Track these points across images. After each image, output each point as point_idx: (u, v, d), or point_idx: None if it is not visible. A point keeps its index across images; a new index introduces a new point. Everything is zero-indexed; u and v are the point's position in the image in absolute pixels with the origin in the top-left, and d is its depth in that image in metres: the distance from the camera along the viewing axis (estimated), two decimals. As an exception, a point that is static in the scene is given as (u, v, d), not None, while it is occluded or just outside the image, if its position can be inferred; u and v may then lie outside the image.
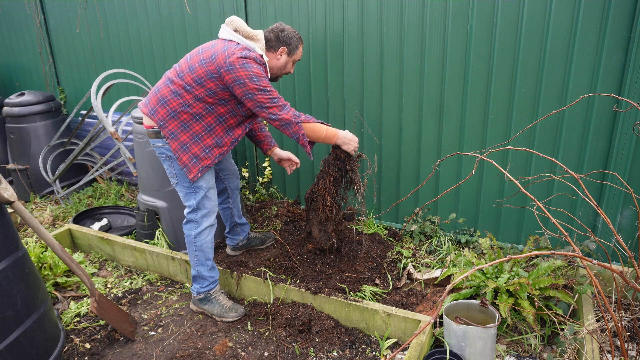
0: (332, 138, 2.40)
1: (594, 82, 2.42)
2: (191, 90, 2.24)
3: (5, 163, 4.55)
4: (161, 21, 3.76)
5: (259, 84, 2.18)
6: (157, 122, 2.30)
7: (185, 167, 2.34)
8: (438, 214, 3.07)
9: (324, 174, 2.55)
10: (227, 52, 2.17)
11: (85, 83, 4.56)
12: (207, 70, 2.20)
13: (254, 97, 2.21)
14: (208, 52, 2.23)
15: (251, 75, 2.17)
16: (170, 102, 2.27)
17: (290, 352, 2.23)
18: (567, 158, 2.59)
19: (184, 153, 2.32)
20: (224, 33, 2.29)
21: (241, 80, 2.17)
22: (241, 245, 2.99)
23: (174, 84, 2.27)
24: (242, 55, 2.16)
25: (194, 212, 2.43)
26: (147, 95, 2.40)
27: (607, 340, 2.11)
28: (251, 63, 2.17)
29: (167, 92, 2.28)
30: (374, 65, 2.95)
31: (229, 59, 2.15)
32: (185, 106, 2.26)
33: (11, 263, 1.90)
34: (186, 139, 2.31)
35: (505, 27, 2.52)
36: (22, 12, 4.62)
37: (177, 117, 2.28)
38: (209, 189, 2.43)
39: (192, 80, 2.23)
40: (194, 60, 2.25)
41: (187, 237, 2.46)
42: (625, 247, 1.49)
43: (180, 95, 2.26)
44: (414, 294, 2.57)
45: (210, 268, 2.50)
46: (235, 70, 2.15)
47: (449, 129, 2.85)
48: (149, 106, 2.34)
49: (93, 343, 2.36)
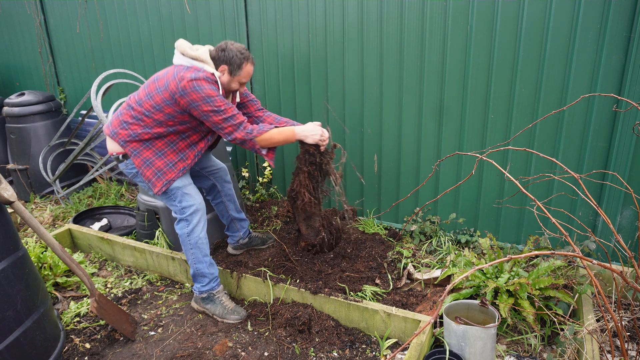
0: (290, 138, 2.43)
1: (594, 82, 2.42)
2: (150, 115, 2.30)
3: (5, 163, 4.55)
4: (161, 21, 3.76)
5: (212, 104, 2.22)
6: (119, 142, 2.37)
7: (149, 182, 2.40)
8: (438, 214, 3.07)
9: (298, 170, 2.54)
10: (177, 78, 2.22)
11: (85, 83, 4.56)
12: (163, 97, 2.26)
13: (209, 118, 2.27)
14: (162, 80, 2.29)
15: (204, 97, 2.21)
16: (132, 125, 2.34)
17: (290, 352, 2.23)
18: (567, 158, 2.59)
19: (147, 168, 2.38)
20: (175, 58, 2.35)
21: (195, 103, 2.22)
22: (242, 244, 2.99)
23: (134, 110, 2.34)
24: (192, 77, 2.20)
25: (181, 212, 2.45)
26: (110, 118, 2.47)
27: (607, 340, 2.11)
28: (202, 84, 2.20)
29: (128, 117, 2.35)
30: (374, 65, 2.95)
31: (180, 84, 2.20)
32: (147, 128, 2.33)
33: (11, 263, 1.90)
34: (149, 154, 2.37)
35: (505, 27, 2.52)
36: (22, 12, 4.62)
37: (138, 137, 2.35)
38: (186, 185, 2.45)
39: (151, 107, 2.29)
40: (150, 88, 2.32)
41: (180, 237, 2.48)
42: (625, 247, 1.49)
43: (141, 120, 2.32)
44: (414, 294, 2.57)
45: (208, 264, 2.50)
46: (188, 94, 2.20)
47: (449, 129, 2.85)
48: (110, 128, 2.41)
49: (93, 343, 2.36)
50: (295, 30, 3.16)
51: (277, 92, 3.41)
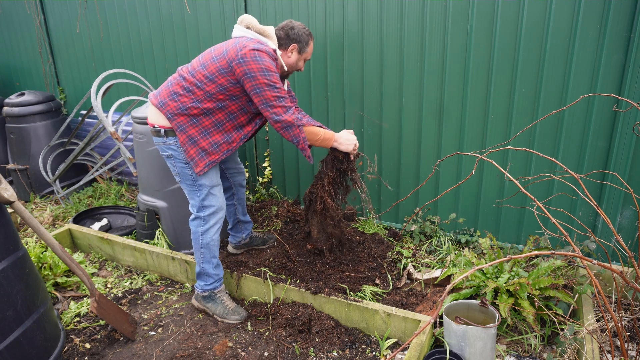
0: (329, 141, 2.39)
1: (594, 82, 2.42)
2: (202, 87, 2.22)
3: (5, 163, 4.55)
4: (161, 21, 3.76)
5: (269, 78, 2.15)
6: (166, 114, 2.27)
7: (192, 161, 2.31)
8: (438, 214, 3.07)
9: (323, 175, 2.54)
10: (238, 46, 2.16)
11: (85, 83, 4.56)
12: (219, 65, 2.19)
13: (262, 93, 2.18)
14: (219, 49, 2.23)
15: (262, 69, 2.14)
16: (182, 97, 2.26)
17: (290, 352, 2.23)
18: (567, 158, 2.59)
19: (192, 146, 2.30)
20: (236, 31, 2.30)
21: (252, 73, 2.14)
22: (243, 244, 2.99)
23: (186, 81, 2.26)
24: (255, 47, 2.14)
25: (201, 210, 2.41)
26: (158, 88, 2.38)
27: (607, 340, 2.11)
28: (264, 56, 2.15)
29: (178, 87, 2.27)
30: (374, 65, 2.95)
31: (241, 52, 2.14)
32: (196, 102, 2.24)
33: (11, 263, 1.90)
34: (195, 133, 2.29)
35: (505, 27, 2.52)
36: (22, 12, 4.62)
37: (187, 111, 2.26)
38: (213, 186, 2.40)
39: (204, 77, 2.22)
40: (205, 58, 2.26)
41: (193, 234, 2.45)
42: (625, 247, 1.49)
43: (192, 92, 2.24)
44: (414, 294, 2.57)
45: (215, 266, 2.49)
46: (247, 63, 2.13)
47: (449, 129, 2.85)
48: (159, 98, 2.32)
49: (93, 343, 2.36)
50: (295, 30, 3.16)
51: (277, 92, 3.40)
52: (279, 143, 3.56)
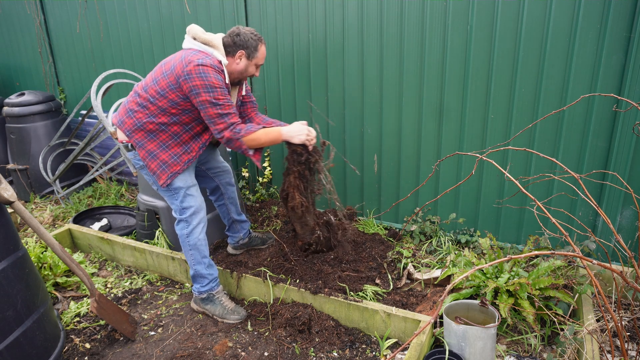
0: (276, 138, 2.41)
1: (594, 82, 2.42)
2: (155, 102, 2.28)
3: (5, 163, 4.55)
4: (161, 21, 3.76)
5: (212, 95, 2.19)
6: (125, 132, 2.36)
7: (154, 174, 2.39)
8: (438, 214, 3.07)
9: (288, 170, 2.53)
10: (184, 61, 2.20)
11: (85, 83, 4.56)
12: (168, 81, 2.24)
13: (205, 109, 2.24)
14: (168, 64, 2.27)
15: (206, 85, 2.18)
16: (137, 113, 2.32)
17: (290, 352, 2.23)
18: (567, 158, 2.59)
19: (152, 161, 2.37)
20: (185, 42, 2.33)
21: (196, 90, 2.19)
22: (242, 244, 2.99)
23: (140, 97, 2.32)
24: (199, 62, 2.17)
25: (181, 212, 2.45)
26: (119, 107, 2.46)
27: (607, 340, 2.11)
28: (208, 71, 2.17)
29: (133, 104, 2.34)
30: (374, 65, 2.95)
31: (186, 68, 2.17)
32: (151, 117, 2.31)
33: (11, 263, 1.90)
34: (153, 147, 2.36)
35: (505, 27, 2.52)
36: (22, 12, 4.62)
37: (143, 127, 2.33)
38: (189, 187, 2.44)
39: (156, 92, 2.27)
40: (157, 73, 2.30)
41: (180, 238, 2.49)
42: (625, 247, 1.49)
43: (146, 107, 2.30)
44: (414, 294, 2.57)
45: (207, 266, 2.50)
46: (192, 79, 2.17)
47: (449, 129, 2.85)
48: (117, 117, 2.41)
49: (93, 343, 2.36)
50: (295, 30, 3.16)
51: (277, 92, 3.41)
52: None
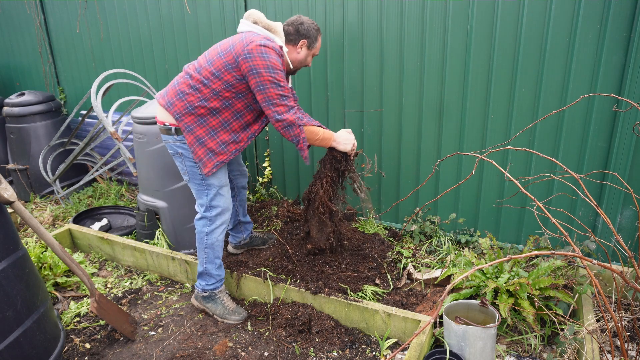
0: (328, 140, 2.38)
1: (594, 82, 2.42)
2: (208, 84, 2.21)
3: (5, 163, 4.55)
4: (161, 21, 3.76)
5: (274, 75, 2.14)
6: (174, 114, 2.27)
7: (200, 162, 2.31)
8: (438, 214, 3.07)
9: (321, 174, 2.54)
10: (245, 41, 2.14)
11: (85, 83, 4.56)
12: (225, 61, 2.17)
13: (265, 90, 2.16)
14: (225, 45, 2.21)
15: (268, 66, 2.12)
16: (188, 95, 2.25)
17: (290, 352, 2.23)
18: (567, 158, 2.59)
19: (200, 147, 2.29)
20: (242, 26, 2.27)
21: (257, 70, 2.12)
22: (243, 244, 2.99)
23: (192, 79, 2.25)
24: (262, 43, 2.12)
25: (208, 210, 2.40)
26: (166, 88, 2.38)
27: (607, 340, 2.11)
28: (270, 53, 2.12)
29: (185, 86, 2.26)
30: (374, 65, 2.95)
31: (248, 47, 2.12)
32: (203, 100, 2.24)
33: (11, 263, 1.89)
34: (202, 133, 2.28)
35: (505, 27, 2.52)
36: (22, 12, 4.62)
37: (194, 111, 2.25)
38: (222, 186, 2.40)
39: (210, 74, 2.20)
40: (212, 54, 2.24)
41: (198, 234, 2.44)
42: (625, 247, 1.49)
43: (198, 90, 2.23)
44: (414, 294, 2.57)
45: (218, 266, 2.49)
46: (253, 58, 2.11)
47: (449, 129, 2.85)
48: (166, 98, 2.32)
49: (93, 343, 2.36)
50: (295, 30, 3.16)
51: (277, 92, 3.40)
52: (279, 143, 3.56)
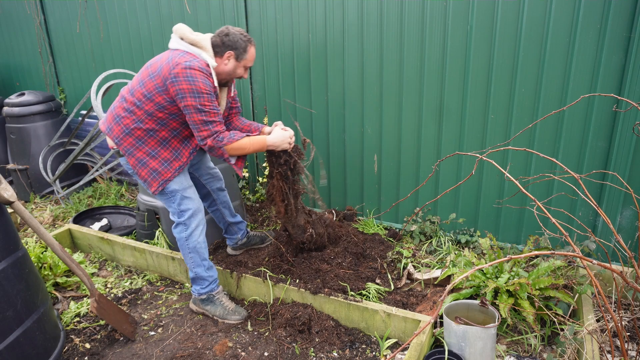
0: (261, 147, 2.36)
1: (594, 82, 2.42)
2: (141, 106, 2.23)
3: (5, 163, 4.55)
4: (161, 21, 3.76)
5: (198, 101, 2.14)
6: (113, 139, 2.32)
7: (145, 182, 2.36)
8: (438, 214, 3.07)
9: (271, 174, 2.52)
10: (171, 63, 2.14)
11: (85, 83, 4.56)
12: (155, 83, 2.18)
13: (189, 114, 2.18)
14: (155, 65, 2.22)
15: (193, 90, 2.12)
16: (124, 119, 2.28)
17: (290, 352, 2.23)
18: (567, 158, 2.59)
19: (142, 168, 2.34)
20: (171, 42, 2.28)
21: (182, 94, 2.13)
22: (241, 244, 2.99)
23: (126, 101, 2.27)
24: (186, 65, 2.11)
25: (179, 215, 2.42)
26: (106, 113, 2.42)
27: (607, 340, 2.11)
28: (196, 75, 2.11)
29: (120, 110, 2.30)
30: (374, 65, 2.95)
31: (174, 70, 2.12)
32: (138, 122, 2.26)
33: (11, 263, 1.90)
34: (142, 155, 2.32)
35: (505, 27, 2.52)
36: (22, 12, 4.62)
37: (131, 133, 2.29)
38: (185, 189, 2.41)
39: (142, 95, 2.22)
40: (143, 75, 2.25)
41: (178, 241, 2.45)
42: (625, 247, 1.49)
43: (133, 112, 2.26)
44: (414, 294, 2.57)
45: (207, 268, 2.49)
46: (179, 82, 2.11)
47: (449, 129, 2.85)
48: (105, 124, 2.37)
49: (93, 343, 2.36)
50: (295, 30, 3.16)
51: (277, 92, 3.41)
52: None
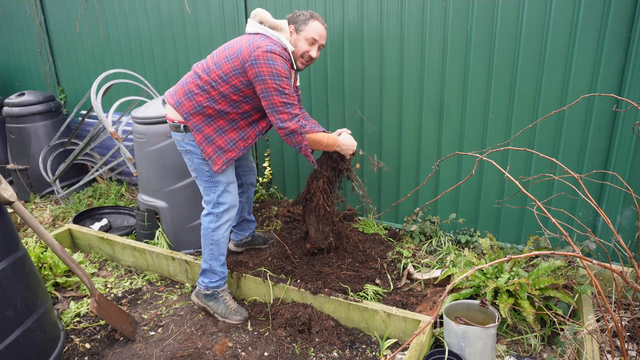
0: (332, 147, 2.38)
1: (594, 82, 2.42)
2: (217, 87, 2.23)
3: (5, 163, 4.55)
4: (161, 21, 3.76)
5: (278, 83, 2.15)
6: (182, 114, 2.30)
7: (210, 159, 2.33)
8: (438, 214, 3.07)
9: (318, 174, 2.53)
10: (252, 46, 2.15)
11: (85, 83, 4.56)
12: (233, 66, 2.19)
13: (269, 97, 2.18)
14: (233, 48, 2.22)
15: (273, 73, 2.13)
16: (197, 96, 2.27)
17: (290, 352, 2.23)
18: (567, 158, 2.59)
19: (209, 145, 2.32)
20: (249, 27, 2.28)
21: (262, 76, 2.14)
22: (245, 242, 2.99)
23: (201, 79, 2.27)
24: (268, 49, 2.12)
25: (215, 206, 2.42)
26: (174, 86, 2.40)
27: (607, 340, 2.11)
28: (276, 59, 2.13)
29: (193, 86, 2.29)
30: (374, 65, 2.95)
31: (254, 53, 2.13)
32: (211, 101, 2.26)
33: (11, 263, 1.90)
34: (210, 132, 2.31)
35: (505, 27, 2.52)
36: (22, 12, 4.62)
37: (202, 111, 2.28)
38: (229, 183, 2.42)
39: (218, 77, 2.22)
40: (220, 57, 2.25)
41: (204, 230, 2.45)
42: (625, 247, 1.49)
43: (207, 91, 2.25)
44: (414, 294, 2.57)
45: (222, 264, 2.49)
46: (259, 65, 2.13)
47: (449, 129, 2.85)
48: (175, 97, 2.34)
49: (93, 343, 2.36)
50: (295, 30, 3.16)
51: (277, 92, 3.40)
52: (279, 143, 3.56)
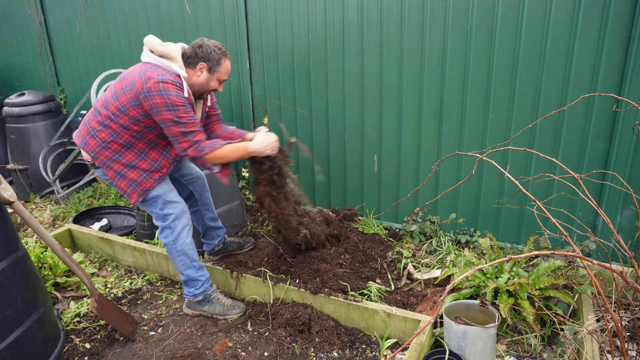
0: (243, 155, 2.33)
1: (594, 82, 2.42)
2: (116, 120, 2.20)
3: (5, 163, 4.55)
4: (161, 21, 3.76)
5: (174, 114, 2.11)
6: (89, 153, 2.29)
7: (125, 193, 2.33)
8: (438, 214, 3.07)
9: (256, 179, 2.50)
10: (143, 77, 2.11)
11: (85, 83, 4.56)
12: (129, 97, 2.15)
13: (167, 127, 2.16)
14: (128, 79, 2.19)
15: (168, 104, 2.10)
16: (99, 132, 2.24)
17: (290, 352, 2.23)
18: (567, 158, 2.59)
19: (121, 180, 2.31)
20: (143, 54, 2.24)
21: (157, 108, 2.11)
22: (217, 250, 2.91)
23: (101, 115, 2.24)
24: (159, 79, 2.09)
25: (164, 219, 2.39)
26: (80, 125, 2.37)
27: (607, 340, 2.11)
28: (169, 89, 2.09)
29: (95, 123, 2.26)
30: (374, 65, 2.95)
31: (146, 85, 2.09)
32: (114, 136, 2.23)
33: (11, 263, 1.90)
34: (120, 167, 2.29)
35: (505, 27, 2.52)
36: (22, 12, 4.62)
37: (107, 147, 2.26)
38: (166, 193, 2.38)
39: (116, 109, 2.19)
40: (116, 88, 2.21)
41: (166, 246, 2.42)
42: (625, 247, 1.49)
43: (108, 126, 2.22)
44: (414, 294, 2.57)
45: (198, 268, 2.47)
46: (153, 97, 2.09)
47: (449, 129, 2.85)
48: (80, 137, 2.33)
49: (93, 343, 2.36)
50: (295, 30, 3.16)
51: (277, 92, 3.41)
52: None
